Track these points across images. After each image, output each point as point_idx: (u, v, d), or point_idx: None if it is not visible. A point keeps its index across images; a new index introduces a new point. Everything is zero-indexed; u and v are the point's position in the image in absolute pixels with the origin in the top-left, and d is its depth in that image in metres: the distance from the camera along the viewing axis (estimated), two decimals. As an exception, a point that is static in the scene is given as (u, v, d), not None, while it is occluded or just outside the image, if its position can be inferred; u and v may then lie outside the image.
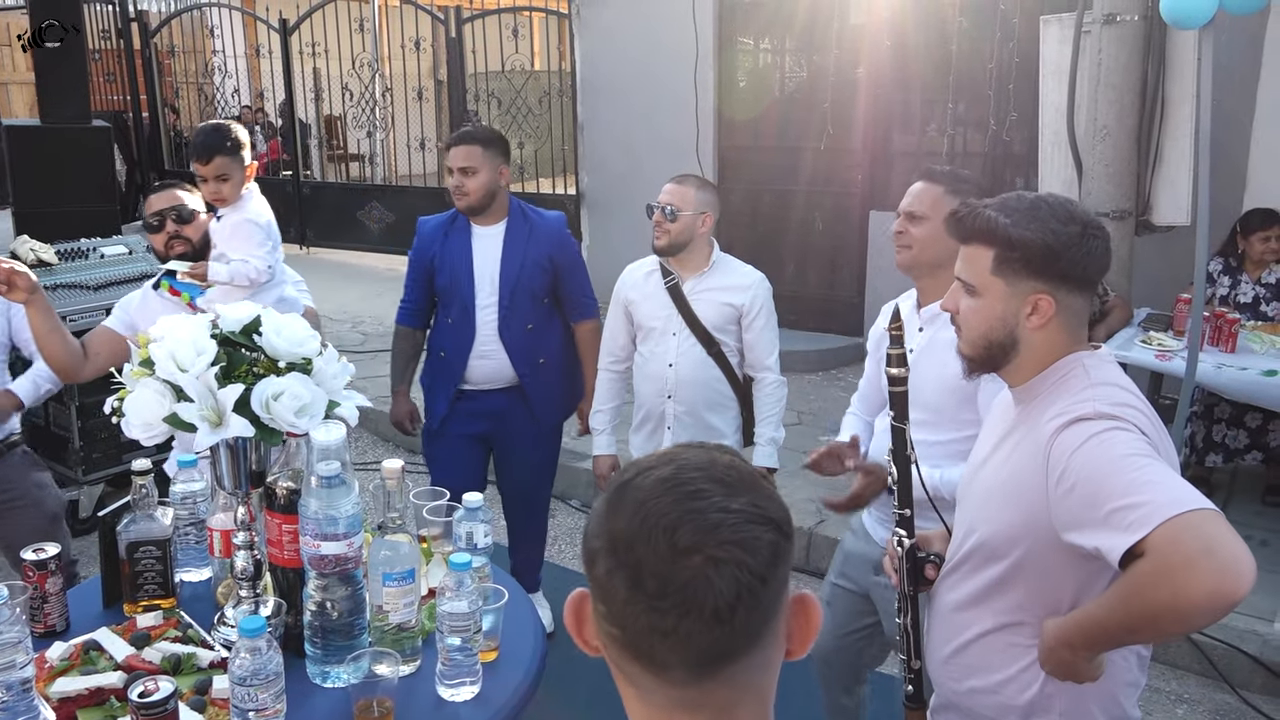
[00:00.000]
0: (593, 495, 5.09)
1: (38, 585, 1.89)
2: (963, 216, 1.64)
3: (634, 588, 0.82)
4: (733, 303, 3.03)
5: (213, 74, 11.11)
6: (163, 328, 1.72)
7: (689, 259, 3.03)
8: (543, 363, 3.33)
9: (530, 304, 3.27)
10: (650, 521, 0.82)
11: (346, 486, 1.70)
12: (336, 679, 1.77)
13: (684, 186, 2.97)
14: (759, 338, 3.05)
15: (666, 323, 3.07)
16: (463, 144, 3.16)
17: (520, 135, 8.96)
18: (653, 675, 0.86)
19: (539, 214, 3.34)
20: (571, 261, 3.38)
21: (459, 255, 3.26)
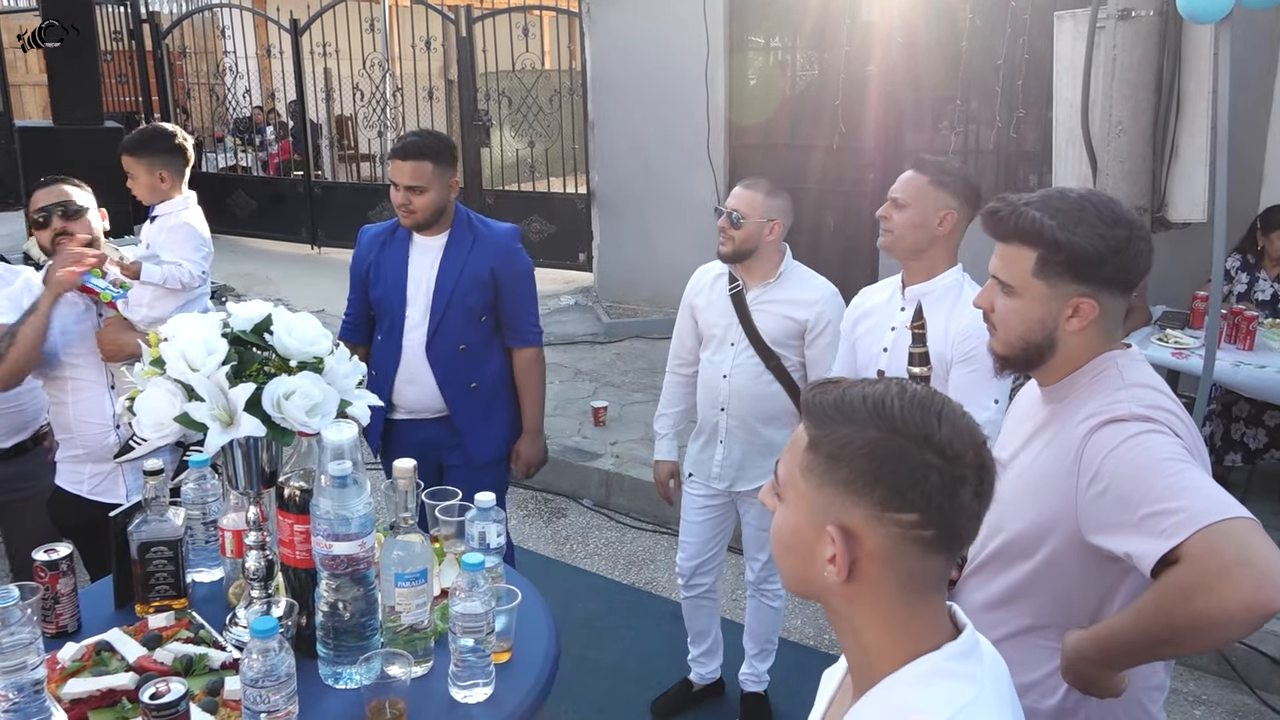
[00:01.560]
0: (605, 495, 5.08)
1: (49, 586, 1.88)
2: (1003, 215, 1.58)
3: (981, 483, 1.01)
4: (796, 317, 2.89)
5: (224, 74, 11.14)
6: (173, 326, 1.71)
7: (756, 267, 2.90)
8: (474, 388, 3.03)
9: (464, 321, 2.97)
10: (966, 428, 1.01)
11: (358, 486, 1.69)
12: (349, 680, 1.75)
13: (752, 192, 2.84)
14: (821, 355, 2.89)
15: (726, 332, 2.96)
16: (410, 159, 2.86)
17: (531, 134, 8.96)
18: (947, 559, 1.03)
19: (487, 225, 3.07)
20: (516, 278, 3.04)
21: (394, 267, 3.01)
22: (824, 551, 1.03)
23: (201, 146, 12.36)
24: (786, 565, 1.10)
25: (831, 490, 1.02)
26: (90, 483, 2.81)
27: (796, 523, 1.07)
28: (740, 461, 3.02)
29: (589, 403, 5.90)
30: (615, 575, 4.40)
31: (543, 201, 9.01)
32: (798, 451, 1.07)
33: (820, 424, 1.05)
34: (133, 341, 2.66)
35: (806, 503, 1.05)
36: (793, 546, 1.08)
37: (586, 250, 8.58)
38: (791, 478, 1.08)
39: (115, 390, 2.71)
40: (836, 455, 1.02)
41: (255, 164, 12.80)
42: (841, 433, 1.02)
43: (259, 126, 13.07)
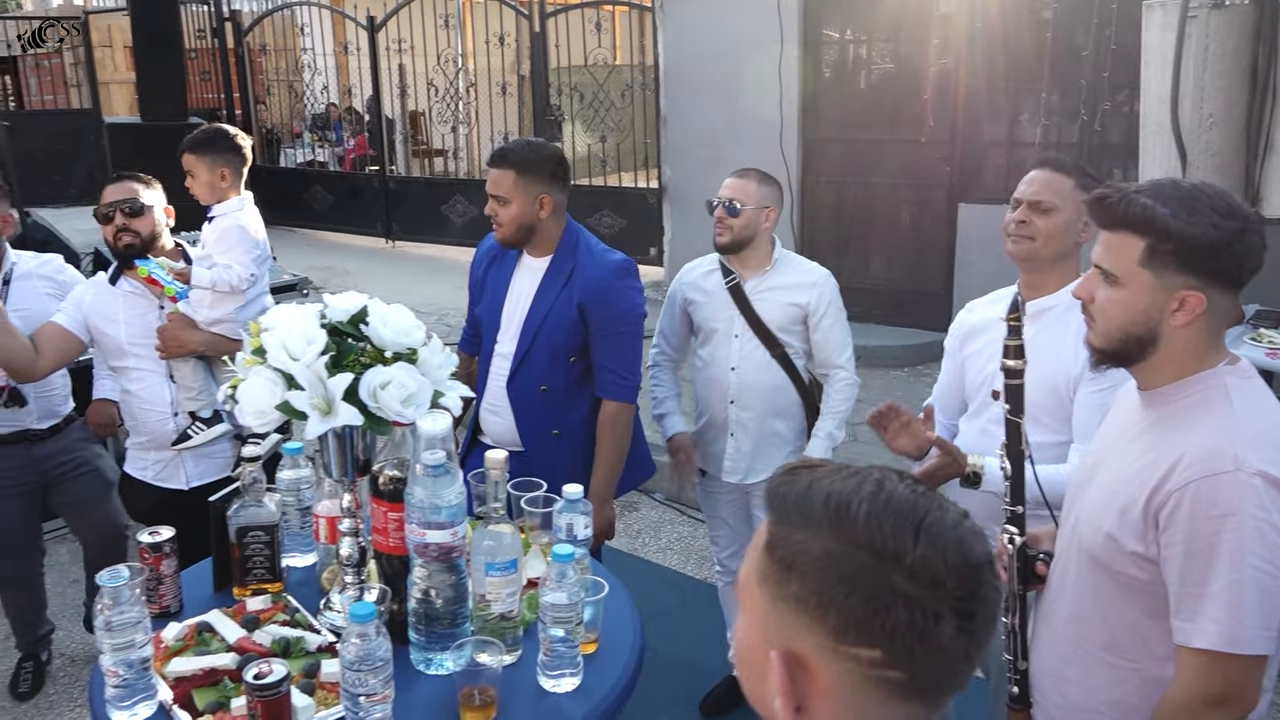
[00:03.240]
0: (677, 490, 5.08)
1: (153, 567, 1.94)
2: (1112, 201, 1.53)
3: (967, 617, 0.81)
4: (797, 302, 2.89)
5: (302, 71, 11.37)
6: (274, 316, 1.75)
7: (750, 257, 2.90)
8: (556, 436, 2.71)
9: (549, 362, 2.66)
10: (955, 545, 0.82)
11: (451, 476, 1.72)
12: (440, 666, 1.78)
13: (746, 181, 2.83)
14: (828, 336, 2.91)
15: (728, 325, 2.94)
16: (495, 166, 2.63)
17: (603, 129, 8.99)
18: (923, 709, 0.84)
19: (591, 254, 2.70)
20: (611, 320, 2.66)
21: (497, 285, 2.78)
22: (773, 679, 0.84)
23: (279, 142, 12.66)
24: (747, 684, 0.92)
25: (784, 606, 0.84)
26: (154, 469, 2.91)
27: (753, 640, 0.89)
28: (751, 454, 3.00)
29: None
30: (688, 570, 4.41)
31: (614, 196, 9.04)
32: (756, 549, 0.89)
33: (780, 521, 0.87)
34: (193, 339, 2.73)
35: (759, 616, 0.87)
36: (749, 666, 0.90)
37: (657, 245, 8.58)
38: (749, 582, 0.89)
39: (175, 380, 2.78)
40: (789, 564, 0.84)
41: (331, 159, 13.05)
42: (796, 538, 0.84)
43: (335, 122, 13.32)
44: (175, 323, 2.73)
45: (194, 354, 2.74)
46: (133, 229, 2.78)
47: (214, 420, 2.74)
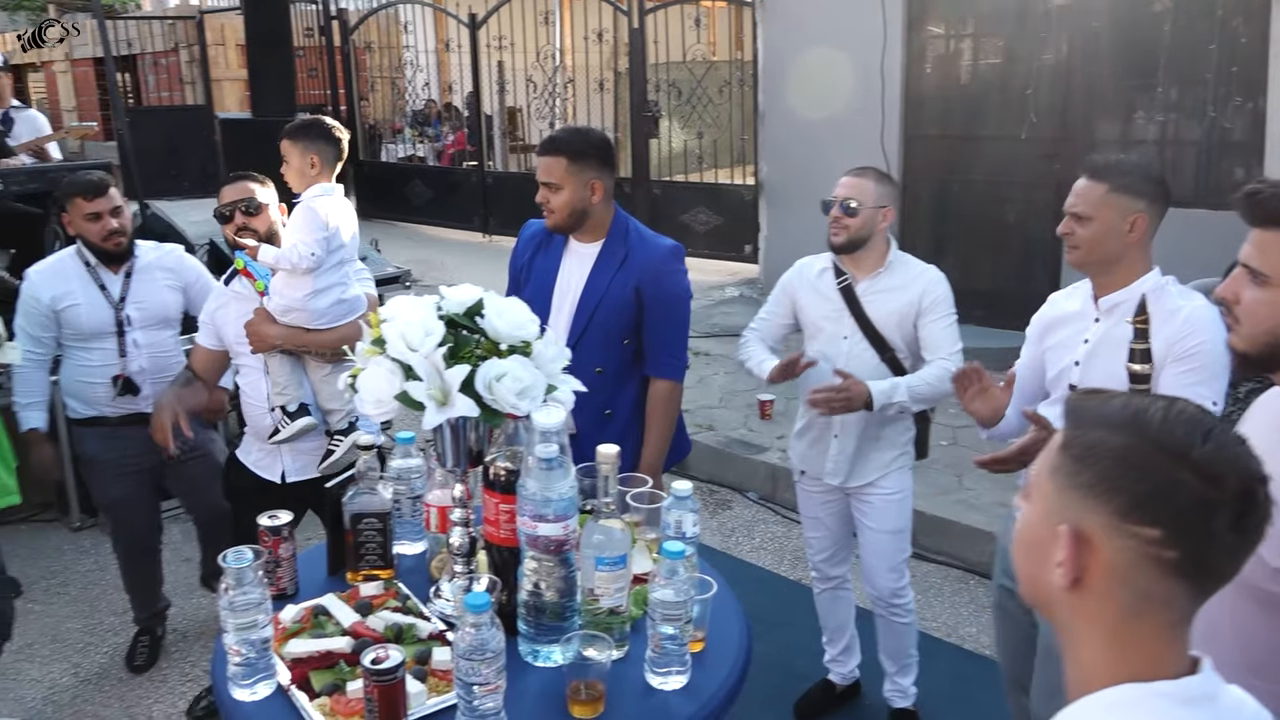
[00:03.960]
0: (771, 489, 5.04)
1: (272, 550, 1.99)
2: (1264, 198, 1.46)
3: (1242, 515, 0.93)
4: (908, 301, 2.83)
5: (404, 68, 11.60)
6: (393, 308, 1.78)
7: (865, 258, 2.85)
8: (609, 415, 2.78)
9: (604, 343, 2.74)
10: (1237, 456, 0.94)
11: (564, 469, 1.72)
12: (547, 659, 1.79)
13: (863, 179, 2.79)
14: (938, 337, 2.80)
15: (837, 325, 2.89)
16: (546, 153, 2.71)
17: (699, 125, 8.97)
18: (1192, 592, 0.96)
19: (644, 239, 2.80)
20: (665, 303, 2.76)
21: (545, 270, 2.83)
22: (1055, 554, 0.98)
23: (381, 138, 12.94)
24: (1021, 566, 1.07)
25: (1073, 493, 0.98)
26: (255, 456, 2.99)
27: (1035, 523, 1.04)
28: (854, 456, 2.96)
29: (755, 395, 5.86)
30: (781, 570, 4.36)
31: (709, 192, 9.01)
32: (1050, 452, 1.03)
33: (1076, 426, 1.01)
34: (271, 333, 2.76)
35: (1046, 502, 1.02)
36: (1030, 547, 1.05)
37: (753, 242, 8.53)
38: (1039, 477, 1.04)
39: (269, 374, 2.83)
40: (1083, 457, 0.98)
41: (431, 155, 13.29)
42: (1094, 435, 0.98)
43: (434, 118, 13.57)
44: (258, 317, 2.79)
45: (279, 349, 2.79)
46: (251, 227, 2.87)
47: (299, 414, 2.78)
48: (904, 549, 3.06)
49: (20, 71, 17.64)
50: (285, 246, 2.68)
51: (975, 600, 4.04)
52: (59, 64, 17.87)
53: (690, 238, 8.74)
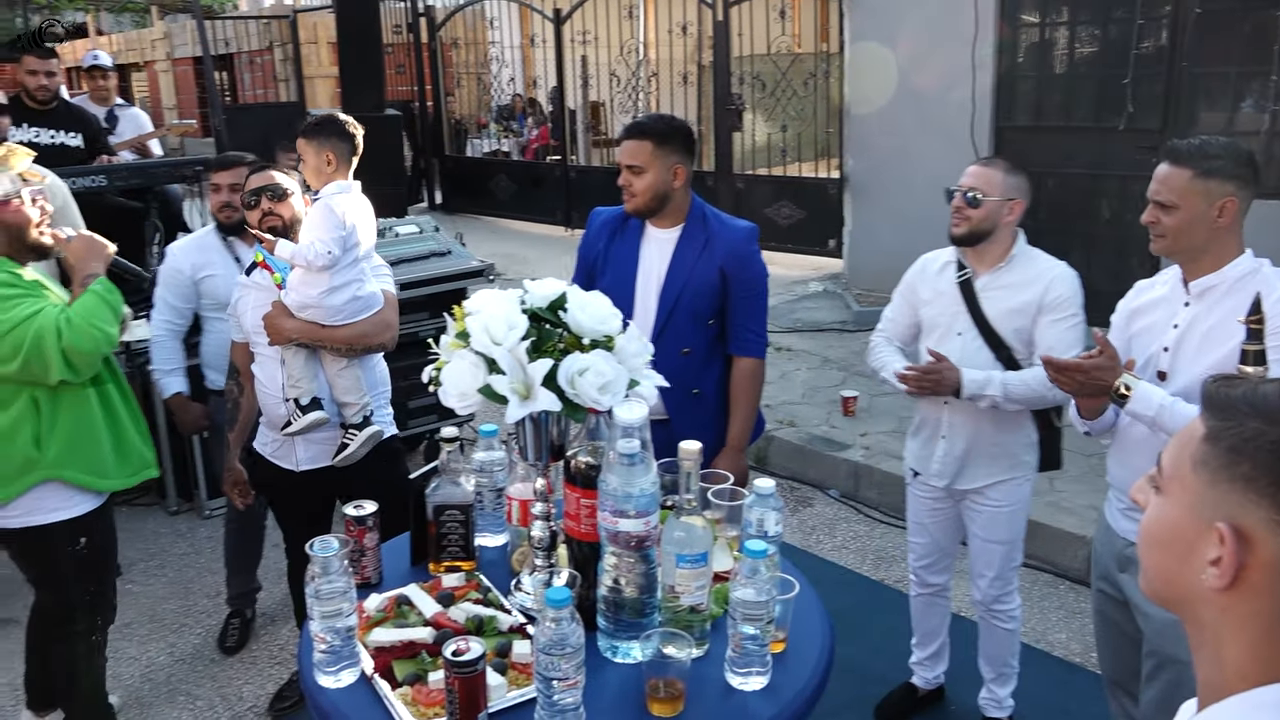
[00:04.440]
0: (854, 487, 4.97)
1: (357, 539, 2.02)
2: None
3: None
4: (1029, 299, 2.69)
5: (490, 64, 11.73)
6: (477, 302, 1.78)
7: (987, 251, 2.73)
8: (696, 394, 2.86)
9: (691, 325, 2.82)
10: None
11: (645, 465, 1.71)
12: (626, 655, 1.78)
13: (991, 169, 2.68)
14: (1060, 339, 2.63)
15: (952, 321, 2.79)
16: (631, 137, 2.78)
17: (783, 118, 8.88)
18: None
19: (723, 222, 2.88)
20: (748, 283, 2.86)
21: (624, 257, 2.88)
22: (1205, 552, 0.93)
23: (466, 133, 13.11)
24: (1155, 562, 1.02)
25: (1228, 487, 0.93)
26: (270, 446, 3.03)
27: (1177, 518, 0.98)
28: (962, 458, 2.86)
29: (838, 392, 5.78)
30: (863, 570, 4.29)
31: (793, 186, 8.91)
32: (1190, 443, 0.98)
33: (1224, 416, 0.96)
34: (287, 327, 2.78)
35: (1193, 497, 0.96)
36: (1168, 543, 0.99)
37: (837, 236, 8.42)
38: (1179, 470, 0.98)
39: (284, 364, 2.86)
40: (1239, 449, 0.93)
41: (515, 149, 13.42)
42: (1250, 426, 0.93)
43: (519, 113, 13.69)
44: (275, 310, 2.82)
45: (296, 342, 2.81)
46: (276, 213, 2.88)
47: (311, 407, 2.79)
48: (1014, 558, 2.97)
49: (124, 71, 18.34)
50: (302, 243, 2.71)
51: (1065, 605, 3.92)
52: (161, 64, 18.54)
53: (773, 231, 8.66)
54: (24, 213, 2.54)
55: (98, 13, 22.23)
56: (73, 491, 2.69)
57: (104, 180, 4.97)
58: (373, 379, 2.94)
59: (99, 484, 2.73)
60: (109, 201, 5.07)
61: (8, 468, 2.61)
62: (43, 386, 2.55)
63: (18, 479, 2.61)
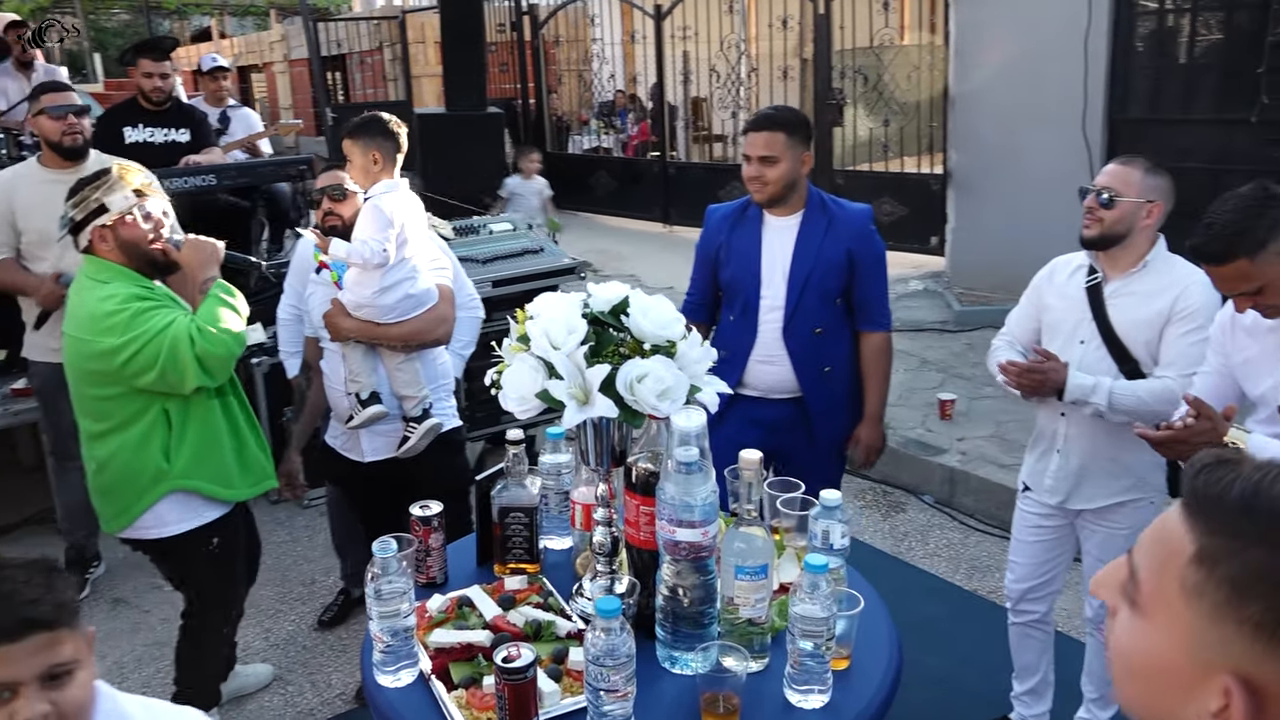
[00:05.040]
0: (949, 493, 4.82)
1: (422, 539, 2.04)
2: None
3: None
4: (1159, 308, 2.49)
5: (591, 61, 11.79)
6: (539, 305, 1.77)
7: (1121, 255, 2.54)
8: (828, 371, 3.00)
9: (820, 305, 2.95)
10: None
11: (704, 474, 1.67)
12: (685, 666, 1.75)
13: (1129, 168, 2.51)
14: (1175, 346, 2.46)
15: (1075, 328, 2.62)
16: (764, 129, 2.87)
17: (885, 112, 8.69)
18: None
19: (840, 205, 3.00)
20: (872, 261, 2.99)
21: (747, 248, 3.00)
22: (1206, 701, 0.75)
23: (568, 129, 13.21)
24: (1137, 695, 0.83)
25: (1234, 629, 0.74)
26: (339, 439, 3.10)
27: (1167, 652, 0.79)
28: (1078, 474, 2.68)
29: (935, 394, 5.62)
30: (956, 579, 4.16)
31: (895, 182, 8.71)
32: (1176, 558, 0.78)
33: (1217, 529, 0.76)
34: (345, 325, 2.85)
35: (1188, 631, 0.77)
36: (1154, 678, 0.81)
37: (939, 233, 8.19)
38: (1164, 591, 0.79)
39: (345, 359, 2.92)
40: (1245, 585, 0.74)
41: (616, 146, 13.47)
42: (1254, 554, 0.73)
43: (620, 109, 13.74)
44: (334, 308, 2.88)
45: (355, 339, 2.87)
46: (337, 212, 2.96)
47: (370, 402, 2.85)
48: None
49: (244, 73, 19.07)
50: (355, 243, 2.75)
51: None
52: (278, 65, 19.21)
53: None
54: (139, 229, 2.61)
55: (222, 17, 23.18)
56: (199, 501, 2.75)
57: (213, 179, 5.14)
58: (433, 372, 2.99)
59: (225, 494, 2.78)
60: (217, 200, 5.25)
61: (140, 481, 2.68)
62: (174, 398, 2.61)
63: (148, 492, 2.68)
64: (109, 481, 2.72)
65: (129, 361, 2.49)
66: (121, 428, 2.64)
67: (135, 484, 2.68)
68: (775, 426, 3.02)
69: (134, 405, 2.61)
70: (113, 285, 2.56)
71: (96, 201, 2.57)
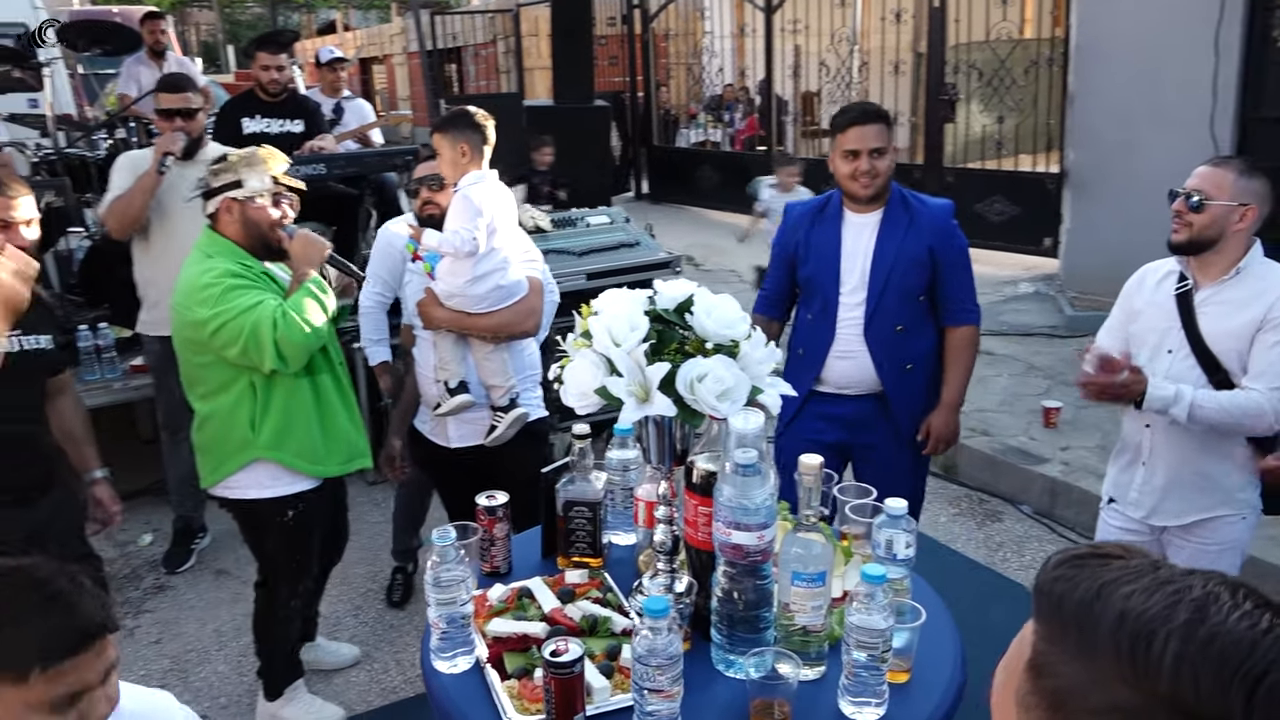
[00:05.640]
0: (1049, 504, 4.65)
1: (487, 529, 2.07)
2: None
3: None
4: (1252, 317, 2.38)
5: (700, 54, 11.75)
6: (603, 301, 1.77)
7: (1212, 261, 2.44)
8: (909, 369, 2.98)
9: (901, 302, 2.93)
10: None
11: (762, 476, 1.64)
12: (740, 670, 1.73)
13: (1222, 170, 2.41)
14: (1267, 356, 2.35)
15: (1163, 337, 2.52)
16: (872, 122, 2.88)
17: (1001, 108, 8.42)
18: None
19: (921, 201, 3.00)
20: (956, 257, 2.99)
21: (826, 245, 2.98)
22: None
23: (676, 123, 13.20)
24: None
25: None
26: (428, 425, 3.15)
27: None
28: (1162, 489, 2.57)
29: (1040, 401, 5.43)
30: (1051, 594, 4.01)
31: (1008, 180, 8.43)
32: (1017, 662, 0.71)
33: (1052, 633, 0.68)
34: (437, 315, 2.90)
35: None
36: None
37: (1053, 234, 7.89)
38: (1004, 700, 0.72)
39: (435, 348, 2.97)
40: (1060, 704, 0.65)
41: (724, 140, 13.40)
42: (1071, 670, 0.65)
43: (727, 103, 13.66)
44: (427, 298, 2.94)
45: (446, 329, 2.92)
46: (435, 201, 3.02)
47: (458, 391, 2.90)
48: None
49: (366, 64, 19.63)
50: (446, 233, 2.80)
51: None
52: (397, 57, 19.72)
53: (983, 228, 8.23)
54: (265, 212, 2.78)
55: (347, 10, 23.92)
56: (283, 472, 2.87)
57: (324, 169, 5.32)
58: (521, 363, 3.03)
59: (310, 468, 2.90)
60: (328, 189, 5.42)
61: (228, 445, 2.84)
62: (258, 373, 2.75)
63: (236, 456, 2.84)
64: (205, 440, 2.89)
65: (215, 334, 2.64)
66: (215, 393, 2.81)
67: (224, 446, 2.84)
68: (855, 423, 3.01)
69: (225, 374, 2.77)
70: (214, 260, 2.73)
71: (235, 175, 2.76)
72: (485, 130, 2.88)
